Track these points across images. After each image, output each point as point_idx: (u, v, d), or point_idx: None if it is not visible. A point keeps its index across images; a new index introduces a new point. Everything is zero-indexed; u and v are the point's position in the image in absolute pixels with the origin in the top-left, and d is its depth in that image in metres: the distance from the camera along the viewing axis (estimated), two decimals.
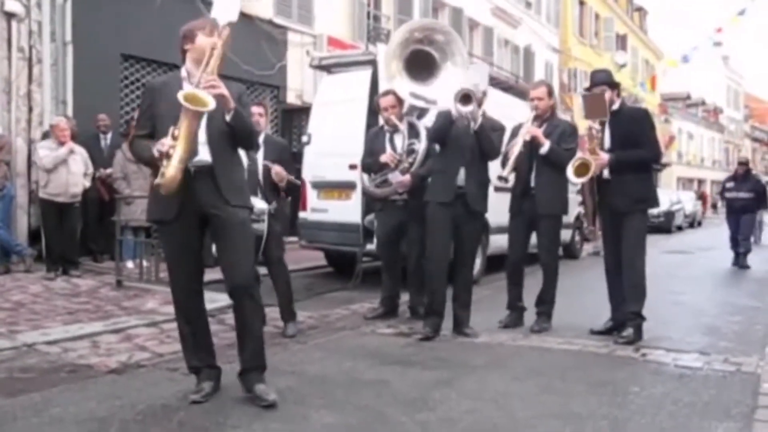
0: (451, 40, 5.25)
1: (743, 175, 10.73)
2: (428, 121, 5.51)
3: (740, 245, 10.24)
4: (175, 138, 3.02)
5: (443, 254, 4.86)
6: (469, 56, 11.28)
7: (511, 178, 5.12)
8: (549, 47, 23.48)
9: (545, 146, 4.99)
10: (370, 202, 5.89)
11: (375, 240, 6.13)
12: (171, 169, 3.01)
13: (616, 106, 4.84)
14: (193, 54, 3.31)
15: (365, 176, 5.65)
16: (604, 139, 4.83)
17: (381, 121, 5.68)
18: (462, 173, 4.81)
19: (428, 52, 5.22)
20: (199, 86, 3.09)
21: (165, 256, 3.45)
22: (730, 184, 10.80)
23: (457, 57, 5.23)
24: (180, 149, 3.02)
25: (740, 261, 10.11)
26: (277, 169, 4.82)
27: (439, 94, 5.22)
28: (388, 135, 5.49)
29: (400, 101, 5.40)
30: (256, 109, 4.83)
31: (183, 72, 3.37)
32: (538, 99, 5.15)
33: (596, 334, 4.92)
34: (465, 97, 4.56)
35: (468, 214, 4.83)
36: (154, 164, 3.15)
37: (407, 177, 5.25)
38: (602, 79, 4.92)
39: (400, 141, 5.41)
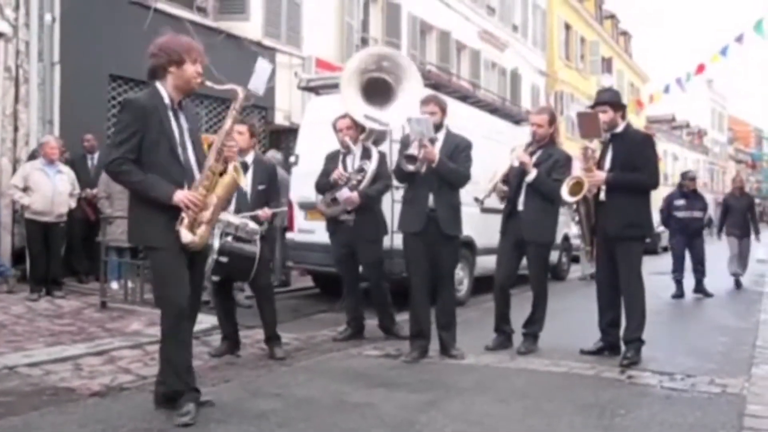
0: (405, 68, 5.46)
1: (694, 192, 9.50)
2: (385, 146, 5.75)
3: (696, 271, 9.20)
4: (206, 205, 3.33)
5: (422, 281, 4.85)
6: (457, 78, 11.39)
7: (494, 200, 5.16)
8: (536, 70, 23.73)
9: (531, 174, 5.01)
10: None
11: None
12: (204, 232, 3.37)
13: (619, 129, 4.85)
14: (178, 81, 3.38)
15: (319, 196, 5.69)
16: (605, 161, 4.86)
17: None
18: (431, 198, 4.78)
19: (384, 79, 5.39)
20: (221, 156, 3.40)
21: (164, 279, 3.36)
22: (680, 202, 9.38)
23: (412, 83, 5.40)
24: (212, 216, 3.39)
25: (700, 288, 9.12)
26: (261, 216, 4.83)
27: (392, 118, 5.53)
28: (341, 156, 5.60)
29: (356, 124, 5.53)
30: (237, 128, 4.84)
31: (165, 98, 3.36)
32: (538, 125, 5.17)
33: (586, 354, 4.93)
34: (409, 158, 4.63)
35: (442, 237, 4.80)
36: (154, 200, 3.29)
37: (354, 194, 5.32)
38: (605, 99, 4.90)
39: (351, 162, 5.52)
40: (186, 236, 3.28)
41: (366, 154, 5.52)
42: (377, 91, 5.52)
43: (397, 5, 15.32)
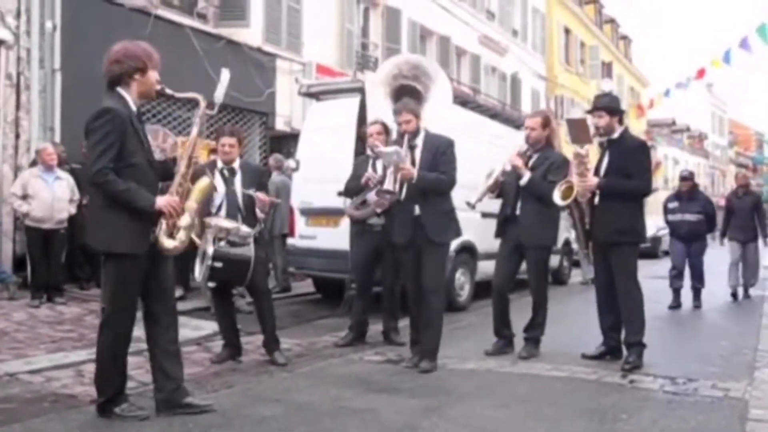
0: (433, 76, 5.46)
1: (689, 194, 8.61)
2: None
3: (692, 281, 8.42)
4: (183, 210, 3.42)
5: (412, 287, 4.84)
6: (456, 83, 11.41)
7: (495, 205, 5.17)
8: (536, 75, 23.76)
9: (524, 178, 5.02)
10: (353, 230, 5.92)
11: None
12: (185, 237, 3.43)
13: (616, 134, 4.85)
14: (142, 88, 3.44)
15: (347, 200, 5.72)
16: (602, 166, 4.86)
17: (368, 150, 5.80)
18: (417, 209, 4.70)
19: (414, 86, 5.40)
20: (191, 163, 3.55)
21: (124, 288, 3.38)
22: (672, 205, 8.67)
23: (440, 91, 5.40)
24: (191, 221, 3.48)
25: (695, 300, 8.33)
26: (260, 197, 4.84)
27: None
28: (371, 161, 5.61)
29: (386, 130, 5.55)
30: (227, 140, 4.89)
31: (132, 105, 3.41)
32: (531, 128, 5.19)
33: (588, 358, 4.93)
34: (386, 192, 4.67)
35: (430, 244, 4.69)
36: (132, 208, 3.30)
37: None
38: (602, 104, 4.90)
39: (381, 166, 5.49)
40: (168, 242, 3.37)
41: None
42: (408, 96, 5.53)
43: (397, 11, 15.36)
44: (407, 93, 5.50)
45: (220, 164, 4.94)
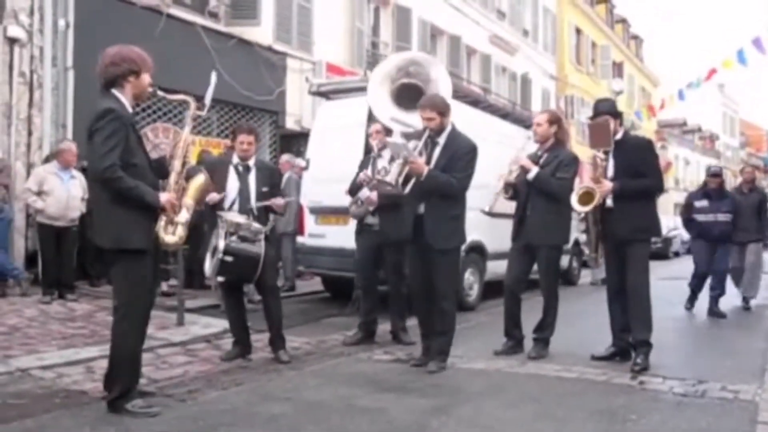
0: (431, 72, 5.44)
1: (718, 192, 7.86)
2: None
3: (714, 286, 7.72)
4: (180, 207, 3.56)
5: (416, 284, 4.82)
6: (467, 83, 11.40)
7: (504, 205, 5.17)
8: (546, 74, 23.70)
9: (532, 172, 5.04)
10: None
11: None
12: (183, 233, 3.59)
13: (619, 136, 4.87)
14: (135, 90, 3.57)
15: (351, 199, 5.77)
16: (607, 168, 4.86)
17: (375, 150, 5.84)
18: (422, 207, 4.61)
19: (415, 84, 5.39)
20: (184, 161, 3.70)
21: (139, 283, 3.49)
22: (701, 203, 7.84)
23: (440, 87, 5.39)
24: (189, 216, 3.60)
25: (714, 309, 7.59)
26: (277, 203, 4.97)
27: (418, 121, 5.32)
28: (372, 160, 5.65)
29: (387, 129, 5.55)
30: (245, 137, 4.97)
31: (128, 107, 3.52)
32: (537, 124, 5.26)
33: (597, 359, 4.92)
34: (385, 183, 4.53)
35: (433, 249, 4.59)
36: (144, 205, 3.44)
37: (374, 194, 5.34)
38: (605, 109, 4.94)
39: (379, 164, 5.52)
40: (170, 237, 3.53)
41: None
42: (408, 94, 5.51)
43: (407, 10, 15.37)
44: (410, 90, 5.50)
45: (235, 160, 4.99)
